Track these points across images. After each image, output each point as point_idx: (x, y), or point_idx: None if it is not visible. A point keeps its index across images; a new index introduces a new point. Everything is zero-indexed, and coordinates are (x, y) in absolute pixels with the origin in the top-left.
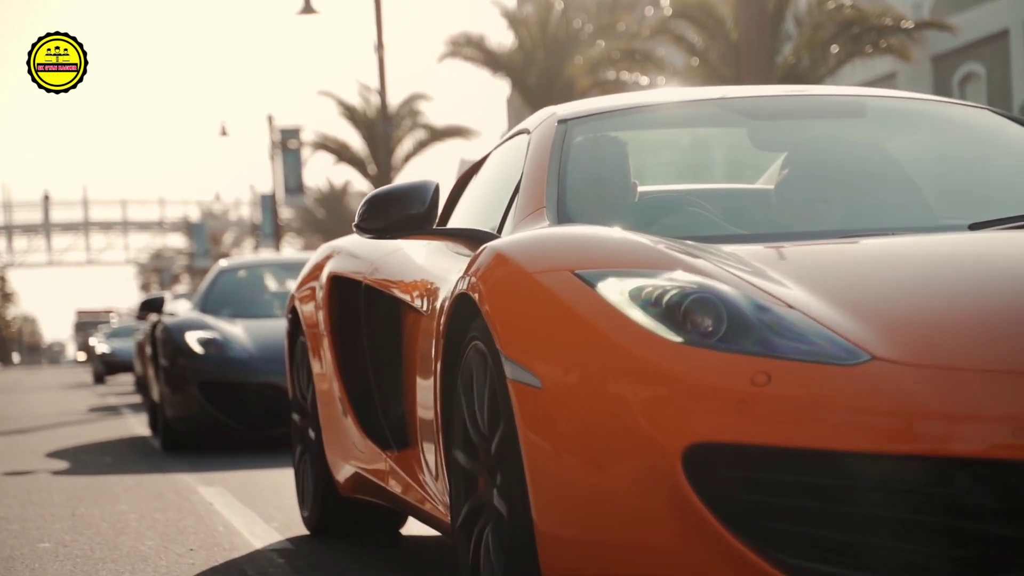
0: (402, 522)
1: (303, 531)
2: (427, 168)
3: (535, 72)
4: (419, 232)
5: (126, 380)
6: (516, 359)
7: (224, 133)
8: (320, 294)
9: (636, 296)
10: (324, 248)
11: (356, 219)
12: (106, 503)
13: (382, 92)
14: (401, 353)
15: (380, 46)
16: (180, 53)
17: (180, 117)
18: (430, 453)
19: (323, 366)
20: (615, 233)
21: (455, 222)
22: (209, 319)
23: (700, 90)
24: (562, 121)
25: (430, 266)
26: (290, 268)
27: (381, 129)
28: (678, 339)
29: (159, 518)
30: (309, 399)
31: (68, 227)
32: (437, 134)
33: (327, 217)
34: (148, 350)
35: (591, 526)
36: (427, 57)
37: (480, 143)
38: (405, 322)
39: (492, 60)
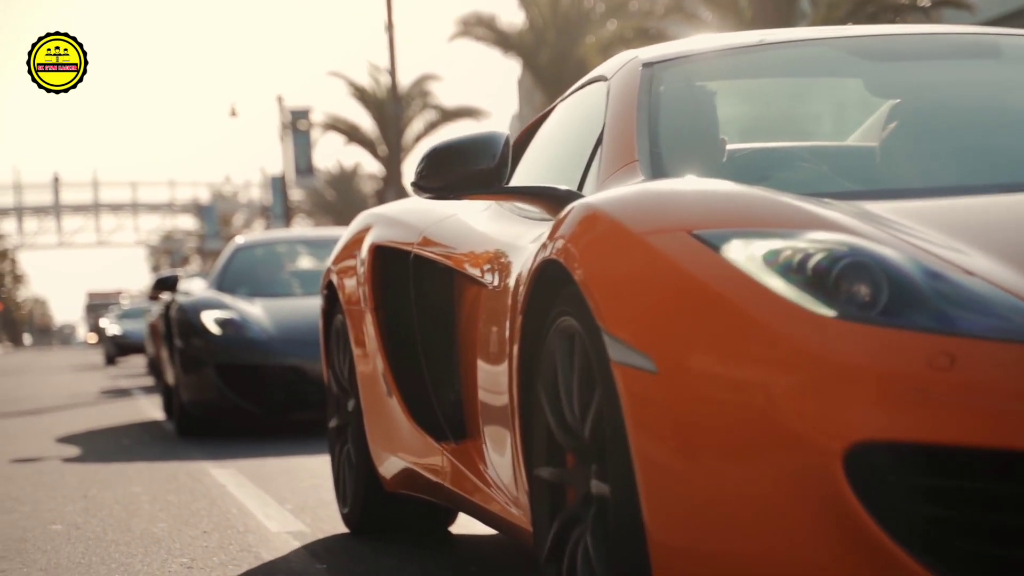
0: (452, 519)
1: (318, 513)
2: None
3: (546, 52)
4: (488, 190)
5: (137, 362)
6: (622, 337)
7: (234, 114)
8: (361, 268)
9: (772, 260)
10: (364, 217)
11: (415, 177)
12: (119, 485)
13: (392, 72)
14: (455, 332)
15: (390, 25)
16: (190, 34)
17: (190, 98)
18: (497, 446)
19: (365, 347)
20: (736, 187)
21: (518, 183)
22: (226, 298)
23: (801, 30)
24: (647, 65)
25: (496, 232)
26: (309, 244)
27: (391, 110)
28: (830, 312)
29: (172, 500)
30: (348, 383)
31: (78, 209)
32: (448, 115)
33: (337, 198)
34: (162, 331)
35: (718, 535)
36: (437, 37)
37: (491, 124)
38: (463, 297)
39: (503, 40)
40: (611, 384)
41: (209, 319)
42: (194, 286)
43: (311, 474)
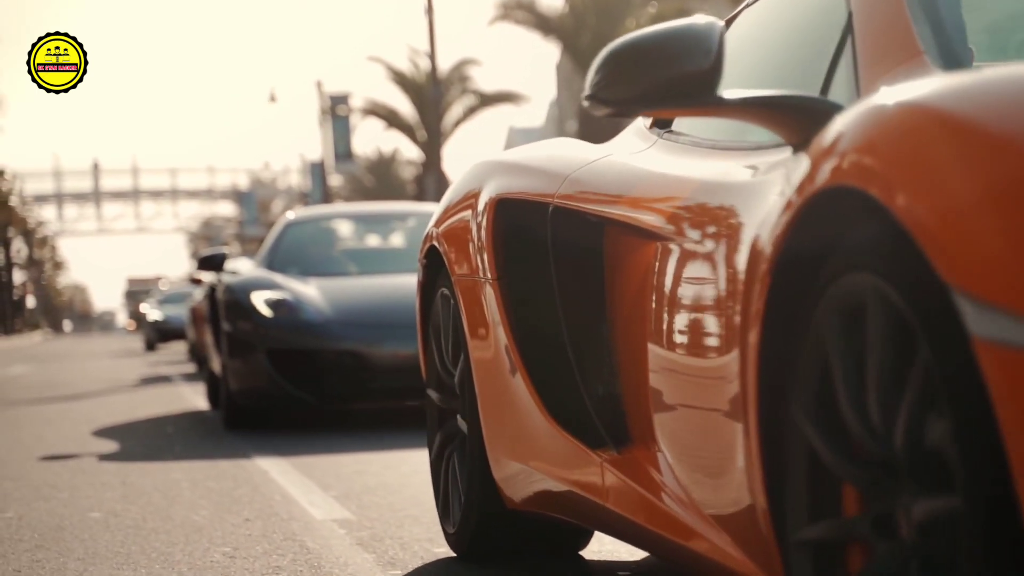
0: (584, 542)
1: (363, 500)
2: (478, 135)
3: (586, 35)
4: (698, 102)
5: (178, 348)
6: (991, 300)
7: (273, 99)
8: (479, 228)
9: None
10: (479, 166)
11: (590, 88)
12: (158, 471)
13: (432, 56)
14: (612, 306)
15: (430, 9)
16: (229, 19)
17: (229, 84)
18: (696, 462)
19: (485, 329)
20: None
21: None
22: (278, 277)
23: None
24: None
25: (687, 170)
26: (365, 220)
27: (431, 94)
28: None
29: (213, 487)
30: (458, 374)
31: (118, 195)
32: (487, 99)
33: (376, 184)
34: (206, 314)
35: None
36: (475, 21)
37: (530, 109)
38: (630, 260)
39: (543, 23)
40: (969, 372)
41: (259, 300)
42: (242, 266)
43: (355, 460)
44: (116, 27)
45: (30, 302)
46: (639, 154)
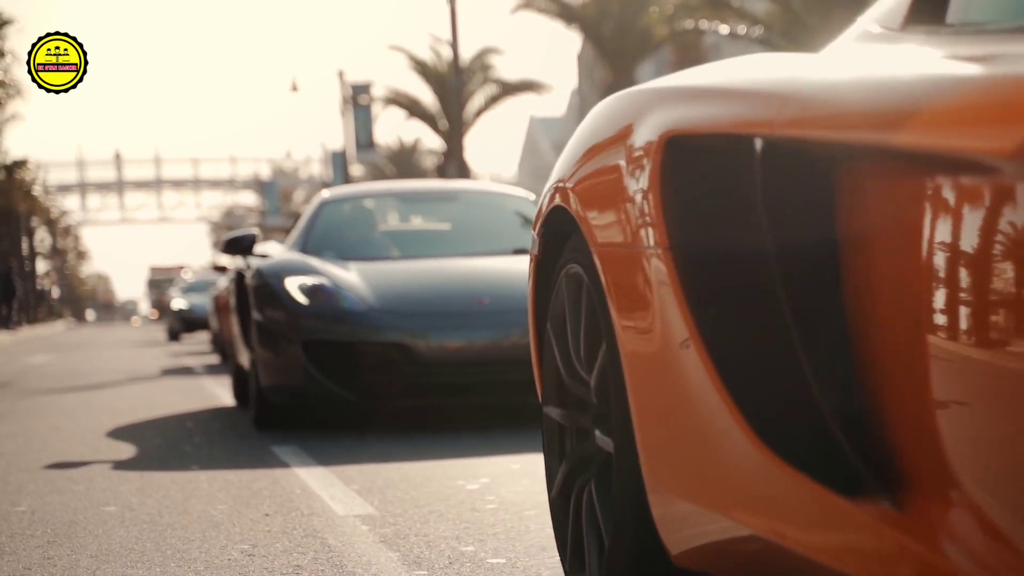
0: None
1: (385, 495)
2: (499, 124)
3: (609, 23)
4: None
5: (201, 338)
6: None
7: (295, 89)
8: (641, 176)
9: None
10: (631, 96)
11: None
12: (176, 462)
13: (454, 44)
14: (850, 284)
15: None
16: (250, 8)
17: (251, 74)
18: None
19: (647, 313)
20: None
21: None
22: (314, 261)
23: None
24: None
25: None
26: (406, 199)
27: (452, 83)
28: None
29: (231, 479)
30: (595, 378)
31: (141, 185)
32: (509, 88)
33: (397, 174)
34: (232, 303)
35: None
36: (495, 10)
37: (552, 98)
38: (900, 217)
39: (566, 12)
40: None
41: (294, 286)
42: (272, 249)
43: (376, 452)
44: (139, 18)
45: (54, 292)
46: (906, 58)
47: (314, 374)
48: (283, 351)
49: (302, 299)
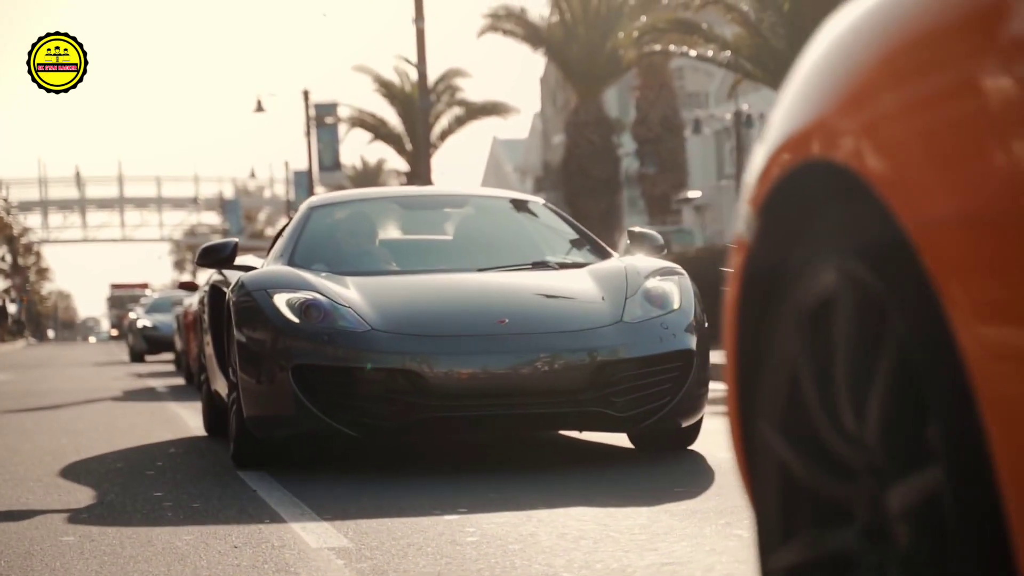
0: None
1: (360, 527)
2: (462, 146)
3: (576, 47)
4: None
5: (165, 358)
6: None
7: (260, 108)
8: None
9: None
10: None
11: None
12: (139, 489)
13: (421, 65)
14: None
15: (419, 17)
16: (215, 26)
17: (215, 92)
18: None
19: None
20: None
21: None
22: (308, 275)
23: None
24: None
25: None
26: (410, 206)
27: (418, 105)
28: None
29: (197, 507)
30: (872, 424)
31: (103, 203)
32: (474, 111)
33: None
34: (206, 319)
35: None
36: (460, 32)
37: (516, 121)
38: None
39: (533, 34)
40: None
41: (283, 302)
42: (253, 262)
43: (346, 478)
44: (101, 33)
45: (11, 308)
46: None
47: (306, 404)
48: (270, 377)
49: (293, 317)
